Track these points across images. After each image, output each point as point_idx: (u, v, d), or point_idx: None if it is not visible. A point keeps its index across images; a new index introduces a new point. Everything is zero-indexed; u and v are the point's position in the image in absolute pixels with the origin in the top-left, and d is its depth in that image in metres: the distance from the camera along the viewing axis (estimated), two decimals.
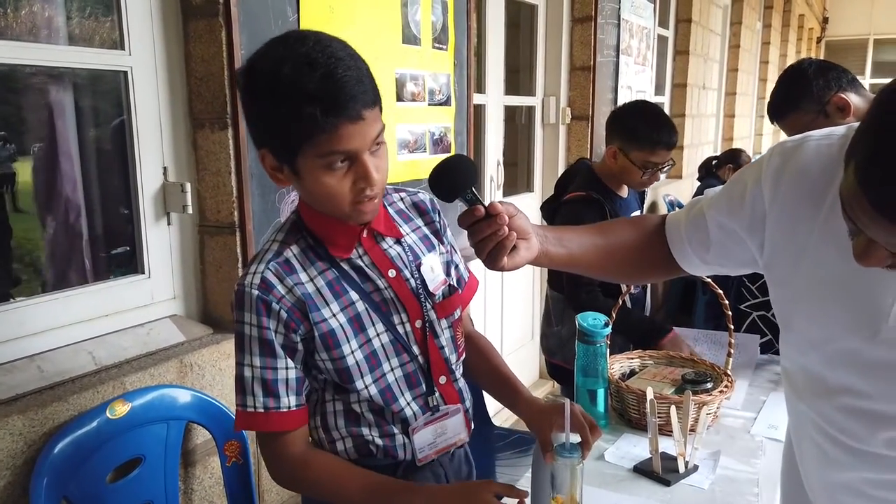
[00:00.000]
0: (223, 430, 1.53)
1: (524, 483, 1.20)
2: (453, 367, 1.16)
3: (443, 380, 1.14)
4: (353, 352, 1.05)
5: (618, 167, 2.08)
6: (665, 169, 2.08)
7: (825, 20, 14.85)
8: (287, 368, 1.03)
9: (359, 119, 0.92)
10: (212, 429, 1.53)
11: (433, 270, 1.13)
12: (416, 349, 1.11)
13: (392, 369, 1.09)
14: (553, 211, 2.20)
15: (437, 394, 1.14)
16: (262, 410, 1.03)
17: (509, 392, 1.23)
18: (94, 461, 1.36)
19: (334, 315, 1.03)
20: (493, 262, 0.93)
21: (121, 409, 1.39)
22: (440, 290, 1.13)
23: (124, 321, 1.59)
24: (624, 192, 2.18)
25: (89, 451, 1.34)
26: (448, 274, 1.17)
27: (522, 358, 3.67)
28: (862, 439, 0.84)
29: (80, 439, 1.32)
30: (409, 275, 1.10)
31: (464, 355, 1.21)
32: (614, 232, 1.11)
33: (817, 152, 0.86)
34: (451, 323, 1.15)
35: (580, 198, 2.06)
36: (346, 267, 1.05)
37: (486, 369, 1.27)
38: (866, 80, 14.57)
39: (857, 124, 0.86)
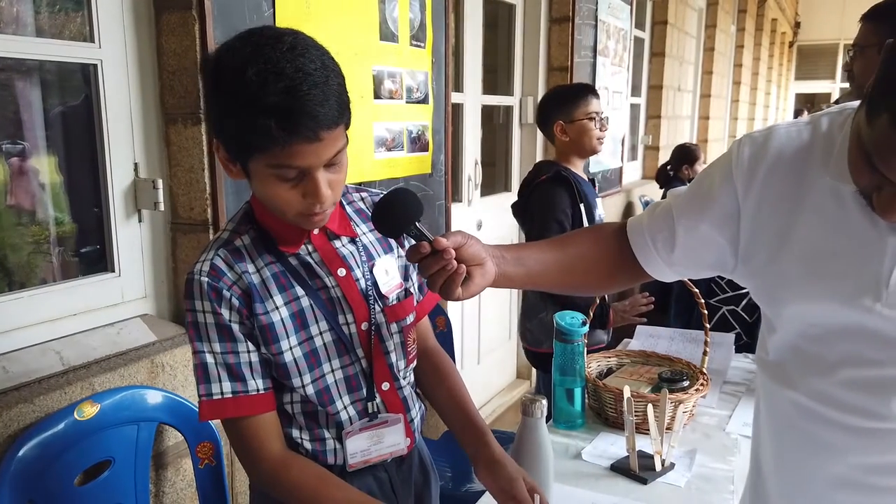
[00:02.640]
0: (195, 431, 1.50)
1: None
2: (399, 374, 1.13)
3: (386, 386, 1.11)
4: (291, 348, 1.02)
5: (571, 137, 2.23)
6: (605, 118, 2.27)
7: (797, 25, 15.13)
8: (249, 352, 1.01)
9: (315, 140, 0.89)
10: (184, 430, 1.50)
11: (387, 273, 1.10)
12: (359, 351, 1.07)
13: (332, 370, 1.06)
14: (523, 206, 2.28)
15: (377, 400, 1.10)
16: (230, 396, 0.99)
17: (475, 441, 1.12)
18: (62, 464, 1.32)
19: (277, 308, 1.01)
20: (446, 295, 0.91)
21: (89, 411, 1.36)
22: (394, 294, 1.11)
23: (93, 320, 1.55)
24: (583, 173, 2.30)
25: (56, 454, 1.30)
26: (406, 279, 1.14)
27: (500, 358, 3.67)
28: (873, 414, 0.82)
29: (46, 441, 1.29)
30: (360, 275, 1.07)
31: (414, 363, 1.18)
32: (573, 244, 1.08)
33: (788, 137, 0.87)
34: (402, 328, 1.12)
35: (550, 178, 2.19)
36: (293, 262, 1.03)
37: (451, 407, 1.19)
38: (836, 84, 14.88)
39: (820, 113, 0.89)
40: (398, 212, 0.93)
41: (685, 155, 4.83)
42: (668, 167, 4.99)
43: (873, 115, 0.69)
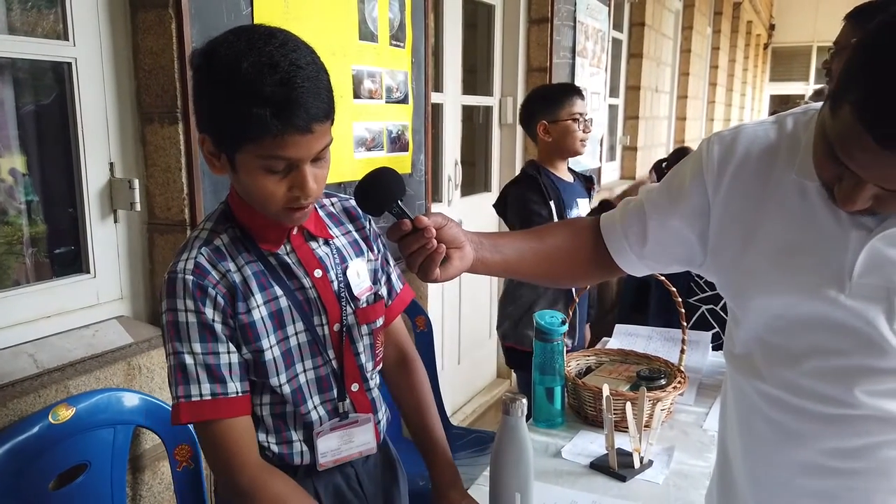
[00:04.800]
0: (173, 434, 1.48)
1: (482, 481, 1.20)
2: (368, 374, 1.14)
3: (355, 387, 1.12)
4: (271, 347, 1.02)
5: (554, 137, 2.23)
6: (589, 120, 2.27)
7: (772, 27, 15.34)
8: (229, 353, 1.00)
9: (307, 132, 0.91)
10: (161, 433, 1.49)
11: (359, 276, 1.12)
12: (330, 352, 1.08)
13: (305, 370, 1.07)
14: (503, 205, 2.30)
15: (347, 400, 1.11)
16: (209, 398, 0.98)
17: (434, 459, 1.22)
18: (36, 468, 1.30)
19: (258, 307, 1.01)
20: (424, 275, 0.93)
21: (64, 414, 1.34)
22: (364, 297, 1.12)
23: (68, 322, 1.53)
24: (566, 174, 2.30)
25: (30, 458, 1.28)
26: (375, 282, 1.15)
27: (480, 358, 3.68)
28: (838, 402, 0.84)
29: (20, 446, 1.26)
30: (334, 277, 1.08)
31: (380, 366, 1.19)
32: (550, 235, 1.11)
33: (755, 136, 0.91)
34: (372, 330, 1.14)
35: (515, 179, 2.24)
36: (272, 262, 1.04)
37: (417, 422, 1.25)
38: (810, 86, 15.12)
39: (785, 112, 0.92)
40: (382, 189, 0.95)
41: (682, 156, 4.94)
42: (664, 163, 5.11)
43: (836, 108, 0.72)
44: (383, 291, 1.18)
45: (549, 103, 2.23)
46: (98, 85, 1.54)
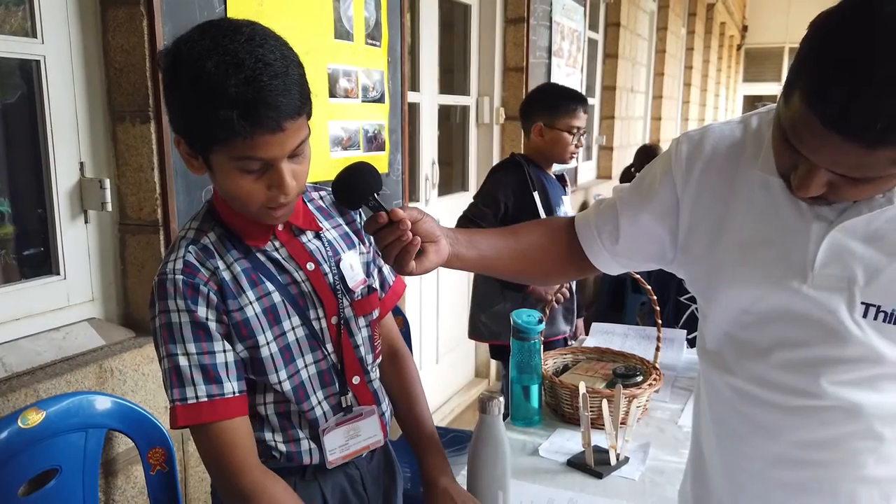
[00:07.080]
0: (146, 437, 1.46)
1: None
2: (368, 367, 1.14)
3: (356, 380, 1.11)
4: (267, 343, 1.01)
5: (546, 142, 2.22)
6: (583, 134, 2.24)
7: (745, 28, 15.56)
8: (225, 351, 0.98)
9: (278, 130, 0.89)
10: (134, 436, 1.46)
11: (353, 268, 1.11)
12: (329, 346, 1.07)
13: (306, 365, 1.06)
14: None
15: (350, 394, 1.10)
16: (205, 399, 0.96)
17: (424, 448, 1.19)
18: (5, 473, 1.27)
19: (250, 303, 1.00)
20: (400, 267, 0.93)
21: (34, 418, 1.31)
22: (359, 289, 1.11)
23: (38, 325, 1.50)
24: (549, 170, 2.30)
25: None
26: (368, 274, 1.15)
27: (459, 357, 3.68)
28: (805, 393, 0.86)
29: None
30: (327, 269, 1.07)
31: (380, 358, 1.19)
32: (525, 233, 1.12)
33: (721, 135, 0.94)
34: (369, 322, 1.13)
35: (500, 164, 2.22)
36: (261, 258, 1.02)
37: (408, 414, 1.23)
38: (782, 86, 15.33)
39: (751, 112, 0.94)
40: (358, 183, 0.95)
41: (647, 155, 4.98)
42: (632, 168, 5.12)
43: (788, 96, 0.74)
44: (376, 284, 1.17)
45: (552, 107, 2.21)
46: (67, 83, 1.52)
